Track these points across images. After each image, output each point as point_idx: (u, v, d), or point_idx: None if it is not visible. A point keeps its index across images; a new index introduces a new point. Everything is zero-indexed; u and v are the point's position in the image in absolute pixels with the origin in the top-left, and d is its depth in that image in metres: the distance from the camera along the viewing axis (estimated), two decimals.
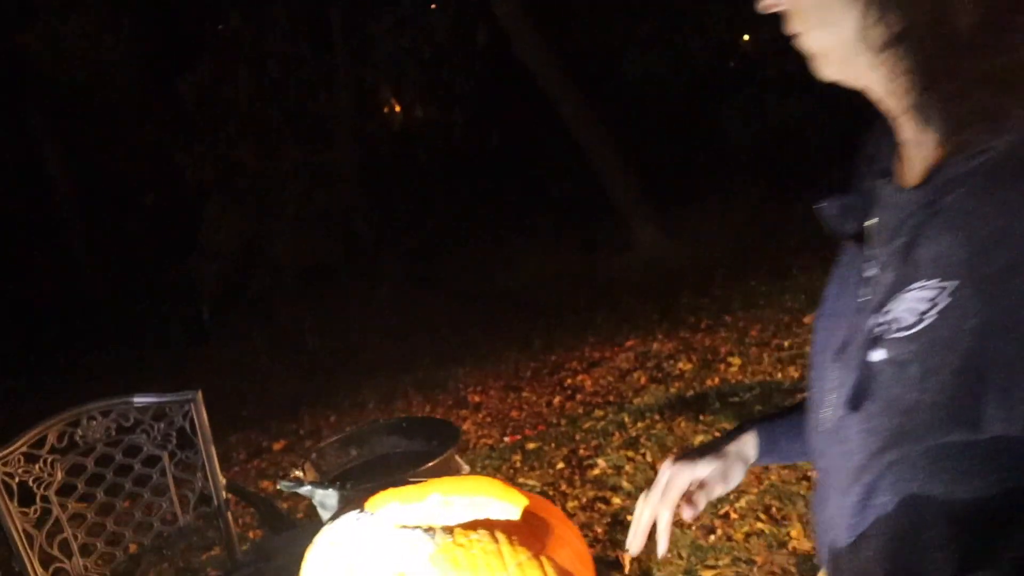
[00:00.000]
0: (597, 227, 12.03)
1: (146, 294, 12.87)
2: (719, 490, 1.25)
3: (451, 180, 13.28)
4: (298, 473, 1.73)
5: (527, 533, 1.28)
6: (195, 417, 2.62)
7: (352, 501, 1.41)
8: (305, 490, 1.62)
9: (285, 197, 12.13)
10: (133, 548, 2.59)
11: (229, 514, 2.61)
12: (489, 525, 1.28)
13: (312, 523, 1.53)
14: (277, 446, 6.83)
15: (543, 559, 1.26)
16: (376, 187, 13.04)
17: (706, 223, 11.03)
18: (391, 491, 1.46)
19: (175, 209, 13.10)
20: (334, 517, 1.39)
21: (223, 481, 2.61)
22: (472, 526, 1.27)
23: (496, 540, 1.25)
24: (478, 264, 11.59)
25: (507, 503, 1.44)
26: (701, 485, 1.24)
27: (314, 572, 1.31)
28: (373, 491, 1.44)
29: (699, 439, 4.41)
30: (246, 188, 12.10)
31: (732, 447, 1.26)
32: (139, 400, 2.59)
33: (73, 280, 14.09)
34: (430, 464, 1.62)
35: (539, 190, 12.79)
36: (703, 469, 1.24)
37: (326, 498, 1.59)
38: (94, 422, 2.54)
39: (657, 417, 4.98)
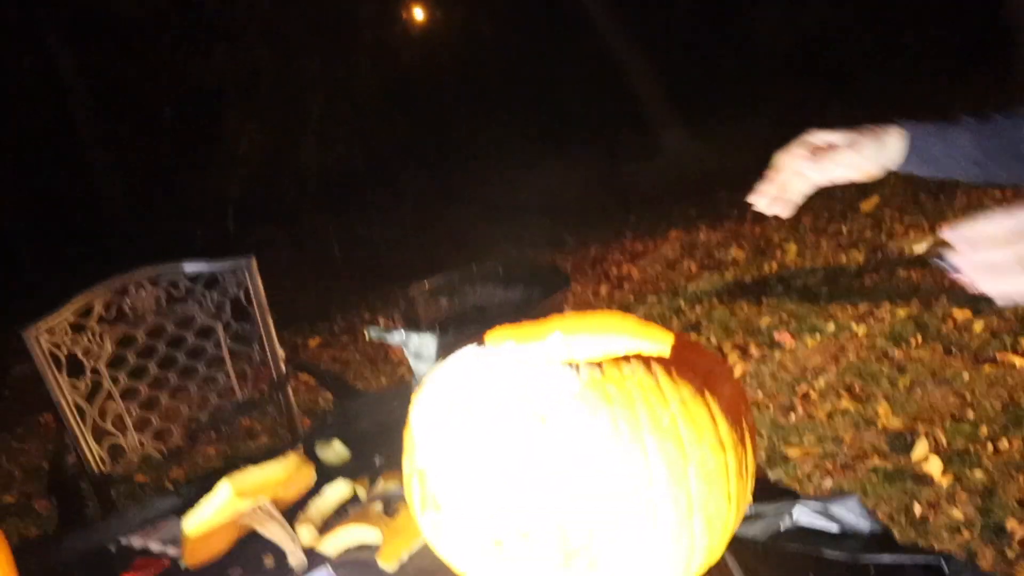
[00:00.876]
0: (623, 134, 11.68)
1: (168, 205, 12.67)
2: (848, 158, 1.24)
3: (474, 90, 12.85)
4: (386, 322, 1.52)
5: (684, 368, 1.08)
6: (250, 285, 2.43)
7: (463, 341, 1.20)
8: (397, 338, 1.42)
9: (307, 107, 11.80)
10: (190, 424, 2.43)
11: (290, 387, 2.44)
12: (642, 358, 1.07)
13: (395, 388, 1.33)
14: (313, 343, 6.71)
15: (707, 395, 1.05)
16: (399, 98, 12.68)
17: (736, 127, 10.64)
18: (505, 329, 1.26)
19: (195, 119, 12.76)
20: (443, 358, 1.19)
21: (282, 353, 2.43)
22: (623, 359, 1.07)
23: (653, 374, 1.05)
24: (501, 175, 11.30)
25: (647, 340, 1.23)
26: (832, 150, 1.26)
27: (427, 417, 1.12)
28: (480, 335, 1.24)
29: (765, 321, 4.20)
30: (267, 98, 11.76)
31: (870, 128, 1.27)
32: (189, 267, 2.40)
33: (93, 193, 13.85)
34: (534, 314, 1.41)
35: (563, 98, 12.38)
36: (834, 135, 1.27)
37: (423, 346, 1.40)
38: (143, 291, 2.36)
39: (715, 302, 4.78)
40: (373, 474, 1.49)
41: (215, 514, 1.25)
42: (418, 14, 13.76)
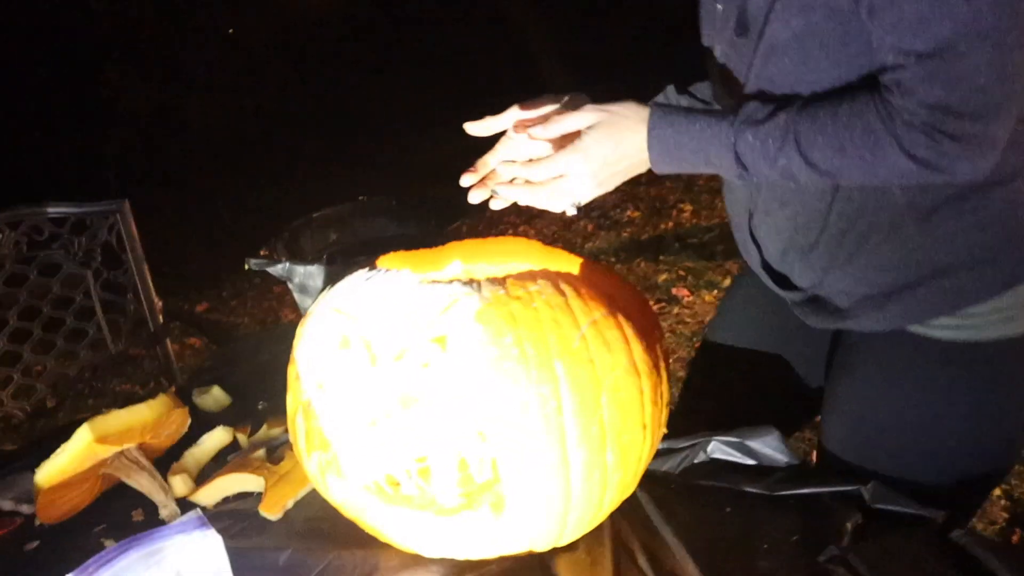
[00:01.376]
0: (517, 96, 11.48)
1: (44, 162, 11.98)
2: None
3: (370, 51, 12.51)
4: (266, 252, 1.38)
5: (596, 288, 0.99)
6: (123, 230, 2.25)
7: (353, 272, 1.09)
8: (280, 268, 1.30)
9: (194, 62, 11.31)
10: (56, 381, 2.24)
11: (168, 342, 2.28)
12: (549, 276, 0.98)
13: (280, 329, 1.20)
14: (200, 308, 6.44)
15: (620, 317, 0.97)
16: (289, 56, 12.25)
17: (635, 85, 10.61)
18: (397, 255, 1.15)
19: (73, 71, 12.05)
20: (330, 285, 1.07)
21: (159, 303, 2.26)
22: (529, 276, 0.97)
23: (562, 293, 0.96)
24: (397, 139, 11.04)
25: (554, 266, 1.14)
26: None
27: (312, 345, 1.01)
28: (372, 262, 1.12)
29: (663, 277, 4.19)
30: (150, 51, 11.19)
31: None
32: (54, 210, 2.19)
33: None
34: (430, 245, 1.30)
35: (459, 60, 12.16)
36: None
37: (308, 277, 1.28)
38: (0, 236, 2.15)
39: (613, 260, 4.75)
40: (256, 421, 1.37)
41: (72, 462, 1.11)
42: None
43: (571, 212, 1.11)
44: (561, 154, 1.04)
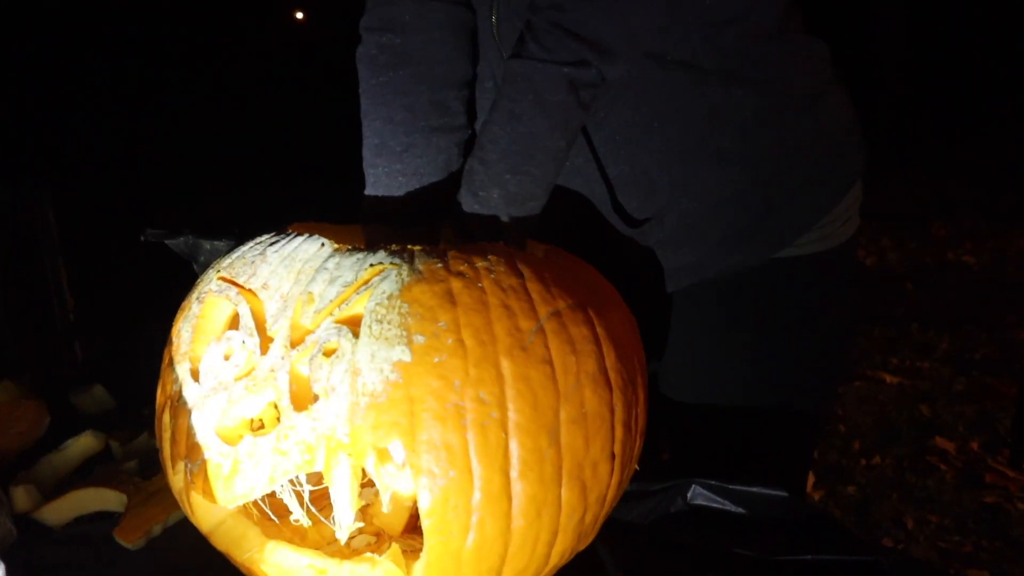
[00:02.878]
0: None
1: None
2: None
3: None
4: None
5: (563, 275, 0.77)
6: (38, 219, 2.01)
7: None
8: (181, 243, 1.07)
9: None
10: None
11: (77, 344, 2.03)
12: (504, 252, 0.76)
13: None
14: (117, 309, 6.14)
15: (591, 313, 0.75)
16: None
17: None
18: (317, 224, 0.93)
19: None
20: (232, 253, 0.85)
21: (71, 302, 2.01)
22: (477, 250, 0.75)
23: (519, 274, 0.73)
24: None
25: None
26: None
27: (191, 326, 0.78)
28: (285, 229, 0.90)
29: None
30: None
31: None
32: None
33: None
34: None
35: None
36: None
37: (216, 255, 1.05)
38: None
39: None
40: (138, 427, 1.13)
41: None
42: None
43: None
44: None
